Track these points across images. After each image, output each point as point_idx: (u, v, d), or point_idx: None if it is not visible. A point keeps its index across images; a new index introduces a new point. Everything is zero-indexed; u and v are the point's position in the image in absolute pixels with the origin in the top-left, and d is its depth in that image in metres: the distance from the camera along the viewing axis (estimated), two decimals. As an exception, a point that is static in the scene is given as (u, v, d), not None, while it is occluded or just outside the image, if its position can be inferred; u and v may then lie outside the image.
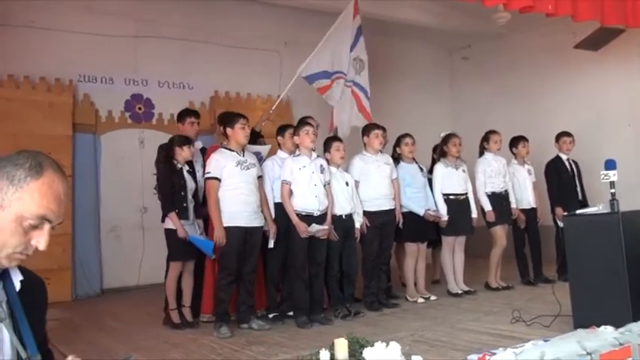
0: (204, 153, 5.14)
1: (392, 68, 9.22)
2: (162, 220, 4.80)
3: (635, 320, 3.54)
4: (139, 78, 7.41)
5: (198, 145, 5.19)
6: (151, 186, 5.12)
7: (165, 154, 4.78)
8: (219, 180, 4.52)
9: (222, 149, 4.66)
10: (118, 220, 7.07)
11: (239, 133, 4.61)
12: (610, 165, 3.95)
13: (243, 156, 4.64)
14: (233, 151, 4.62)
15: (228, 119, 4.70)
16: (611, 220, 3.72)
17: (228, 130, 4.64)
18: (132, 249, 7.03)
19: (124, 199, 7.03)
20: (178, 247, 4.64)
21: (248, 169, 4.60)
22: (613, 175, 3.90)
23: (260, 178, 4.76)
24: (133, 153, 7.07)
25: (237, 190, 4.50)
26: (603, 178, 3.94)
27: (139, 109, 7.40)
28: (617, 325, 3.49)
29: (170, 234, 4.66)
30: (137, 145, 7.20)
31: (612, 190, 3.88)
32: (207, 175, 4.57)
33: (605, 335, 3.37)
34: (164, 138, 5.44)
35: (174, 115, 5.73)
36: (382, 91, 8.97)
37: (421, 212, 5.47)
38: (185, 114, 5.24)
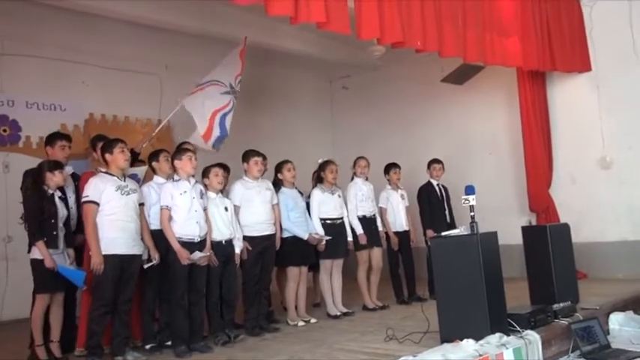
0: (76, 178, 4.94)
1: (274, 95, 9.40)
2: (29, 251, 4.51)
3: (492, 332, 3.87)
4: (5, 98, 6.93)
5: (69, 170, 4.95)
6: (17, 214, 4.78)
7: (34, 180, 4.51)
8: (97, 204, 4.34)
9: (102, 174, 4.50)
10: (-22, 251, 6.51)
11: (119, 157, 4.49)
12: (469, 190, 4.31)
13: (124, 181, 4.51)
14: (113, 175, 4.49)
15: (106, 146, 4.57)
16: (470, 241, 4.03)
17: (107, 156, 4.51)
18: (-7, 282, 6.50)
19: (-15, 227, 6.50)
20: (45, 279, 4.36)
21: (128, 194, 4.47)
22: (472, 199, 4.26)
23: (142, 205, 4.64)
24: (-5, 178, 6.58)
25: (115, 216, 4.35)
26: (464, 203, 4.29)
27: (4, 131, 6.91)
28: (478, 337, 3.80)
29: (37, 264, 4.36)
30: (1, 170, 6.70)
31: (472, 214, 4.23)
32: (84, 199, 4.37)
33: (467, 347, 3.66)
34: (32, 162, 5.11)
35: (44, 138, 5.42)
36: (264, 118, 9.13)
37: (305, 236, 5.57)
38: (56, 137, 5.00)
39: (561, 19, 7.13)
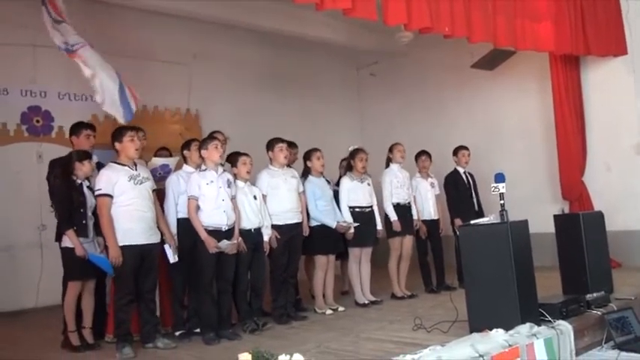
0: (102, 168, 4.97)
1: (301, 83, 9.38)
2: (56, 239, 4.59)
3: (523, 322, 3.80)
4: (37, 89, 7.07)
5: (94, 159, 5.00)
6: (50, 202, 4.88)
7: (63, 170, 4.57)
8: (110, 197, 4.33)
9: (113, 164, 4.49)
10: (13, 239, 6.67)
11: (128, 146, 4.45)
12: (499, 178, 4.21)
13: (136, 170, 4.50)
14: (124, 165, 4.46)
15: (116, 134, 4.53)
16: (501, 230, 3.95)
17: (117, 144, 4.47)
18: (29, 269, 6.65)
19: (20, 216, 6.66)
20: (77, 266, 4.44)
21: (142, 183, 4.45)
22: (502, 187, 4.17)
23: (154, 191, 4.63)
24: (29, 168, 6.70)
25: (131, 206, 4.35)
26: (493, 191, 4.20)
27: (37, 121, 7.05)
28: (508, 327, 3.73)
29: (68, 252, 4.45)
30: (35, 160, 6.84)
31: (502, 202, 4.14)
32: (97, 192, 4.36)
33: (497, 338, 3.60)
34: (65, 152, 5.19)
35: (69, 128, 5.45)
36: (291, 106, 9.12)
37: (333, 225, 5.56)
38: (80, 126, 5.02)
39: (596, 1, 6.91)
